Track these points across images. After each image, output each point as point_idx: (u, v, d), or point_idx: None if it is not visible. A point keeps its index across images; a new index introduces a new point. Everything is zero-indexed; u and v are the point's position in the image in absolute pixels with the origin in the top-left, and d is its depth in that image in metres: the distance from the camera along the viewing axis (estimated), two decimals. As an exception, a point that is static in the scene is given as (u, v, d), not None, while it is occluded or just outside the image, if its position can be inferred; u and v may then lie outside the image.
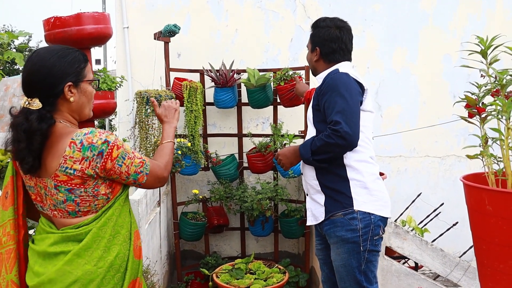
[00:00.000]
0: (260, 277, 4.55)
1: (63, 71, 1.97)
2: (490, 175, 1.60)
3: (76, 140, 1.91)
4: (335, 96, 2.70)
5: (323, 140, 2.70)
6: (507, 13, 5.63)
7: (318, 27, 3.03)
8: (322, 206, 2.86)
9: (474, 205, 1.55)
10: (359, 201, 2.77)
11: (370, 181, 2.81)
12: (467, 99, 1.67)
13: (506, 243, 1.45)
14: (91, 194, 1.98)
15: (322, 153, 2.74)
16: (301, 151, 2.86)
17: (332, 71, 2.89)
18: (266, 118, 5.48)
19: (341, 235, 2.77)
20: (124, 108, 5.50)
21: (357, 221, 2.75)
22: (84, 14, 2.86)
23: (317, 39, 3.02)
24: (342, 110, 2.66)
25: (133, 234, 2.12)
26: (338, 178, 2.81)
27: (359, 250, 2.75)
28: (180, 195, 5.38)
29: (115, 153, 1.96)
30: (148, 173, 2.07)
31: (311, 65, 3.11)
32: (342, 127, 2.62)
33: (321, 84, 2.87)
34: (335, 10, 5.50)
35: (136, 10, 5.44)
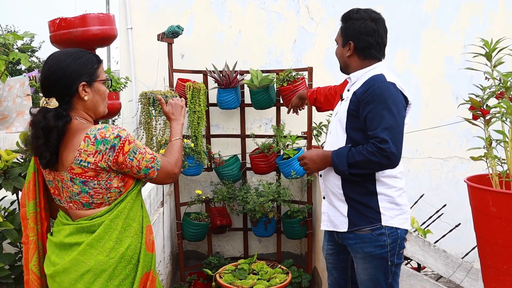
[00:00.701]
0: (263, 278, 4.56)
1: (77, 72, 2.08)
2: (494, 177, 1.61)
3: (90, 134, 2.02)
4: (383, 109, 2.50)
5: (365, 156, 2.52)
6: (509, 15, 5.64)
7: (352, 19, 2.80)
8: (345, 217, 2.73)
9: (478, 206, 1.57)
10: (387, 216, 2.66)
11: (397, 196, 2.69)
12: (472, 101, 1.68)
13: (510, 244, 1.46)
14: (104, 187, 2.08)
15: (360, 168, 2.58)
16: (334, 160, 2.66)
17: (378, 76, 2.65)
18: (269, 119, 5.49)
19: (369, 251, 2.67)
20: (128, 109, 5.51)
21: (386, 236, 2.64)
22: (89, 15, 2.88)
23: (350, 32, 2.78)
24: (390, 127, 2.49)
25: (145, 228, 2.21)
26: (366, 191, 2.68)
27: (387, 265, 2.68)
28: (183, 195, 5.40)
29: (126, 148, 2.05)
30: (159, 168, 2.15)
31: (342, 60, 2.86)
32: (389, 147, 2.46)
33: (364, 88, 2.64)
34: (338, 11, 5.49)
35: (139, 11, 5.46)
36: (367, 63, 2.77)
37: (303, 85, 4.78)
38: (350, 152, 2.60)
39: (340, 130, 2.75)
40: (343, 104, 2.78)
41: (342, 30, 2.84)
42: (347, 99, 2.75)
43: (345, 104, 2.75)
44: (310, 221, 5.08)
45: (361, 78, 2.75)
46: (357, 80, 2.77)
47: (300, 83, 4.76)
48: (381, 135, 2.48)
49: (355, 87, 2.73)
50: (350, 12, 2.84)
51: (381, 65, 2.76)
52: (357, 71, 2.78)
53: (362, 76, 2.75)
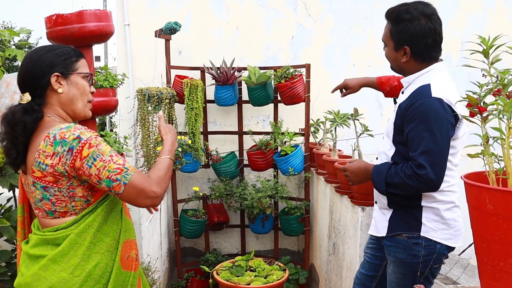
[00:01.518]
0: (260, 275, 4.56)
1: (50, 62, 1.93)
2: (491, 174, 1.61)
3: (51, 134, 1.83)
4: (424, 130, 2.30)
5: (402, 179, 2.39)
6: (508, 12, 5.64)
7: (404, 20, 2.48)
8: (387, 222, 2.66)
9: (475, 203, 1.56)
10: (428, 227, 2.52)
11: (445, 209, 2.52)
12: (469, 98, 1.68)
13: (506, 241, 1.46)
14: (66, 195, 1.87)
15: (398, 189, 2.47)
16: (374, 178, 2.55)
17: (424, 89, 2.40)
18: (267, 116, 5.49)
19: (401, 257, 2.59)
20: (125, 105, 5.50)
21: (421, 247, 2.53)
22: (86, 11, 2.87)
23: (405, 36, 2.47)
24: (429, 150, 2.30)
25: (121, 243, 1.99)
26: (411, 203, 2.55)
27: (416, 274, 2.58)
28: (181, 192, 5.40)
29: (85, 152, 1.81)
30: (127, 183, 1.83)
31: (397, 65, 2.59)
32: (426, 173, 2.30)
33: (408, 103, 2.43)
34: (336, 8, 5.51)
35: (137, 7, 5.45)
36: (425, 65, 2.51)
37: (300, 82, 4.77)
38: (390, 171, 2.47)
39: (389, 141, 2.62)
40: (392, 114, 2.60)
41: (392, 32, 2.53)
42: (395, 110, 2.57)
43: (393, 115, 2.58)
44: (307, 218, 5.08)
45: (413, 82, 2.53)
46: (410, 85, 2.55)
47: (298, 80, 4.76)
48: (419, 159, 2.32)
49: (405, 96, 2.53)
50: (399, 12, 2.50)
51: (434, 68, 2.50)
52: (408, 76, 2.56)
53: (413, 81, 2.54)
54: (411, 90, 2.48)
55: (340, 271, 3.90)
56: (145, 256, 3.72)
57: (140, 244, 3.67)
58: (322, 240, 4.62)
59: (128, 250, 2.02)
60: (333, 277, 4.13)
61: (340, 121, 4.28)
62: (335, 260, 4.06)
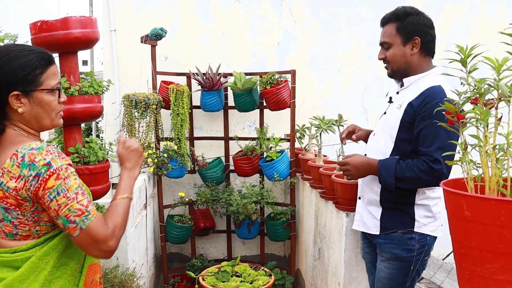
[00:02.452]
0: (246, 280, 4.57)
1: (8, 78, 1.67)
2: (469, 181, 1.64)
3: (19, 153, 1.64)
4: (439, 127, 2.28)
5: (416, 173, 2.47)
6: (490, 17, 5.70)
7: (411, 14, 2.64)
8: (377, 220, 2.74)
9: (453, 210, 1.59)
10: (421, 223, 2.64)
11: (434, 204, 2.66)
12: (447, 106, 1.70)
13: (483, 247, 1.49)
14: (30, 219, 1.69)
15: (408, 183, 2.55)
16: (381, 171, 2.60)
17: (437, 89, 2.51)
18: (253, 122, 5.51)
19: (396, 253, 2.68)
20: (111, 111, 5.50)
21: (415, 241, 2.65)
22: (71, 18, 2.88)
23: (416, 27, 2.61)
24: (444, 147, 2.40)
25: (86, 267, 1.84)
26: (404, 201, 2.66)
27: (409, 269, 2.69)
28: (167, 198, 5.40)
29: (50, 183, 1.63)
30: (84, 228, 1.65)
31: (404, 61, 2.65)
32: (442, 168, 2.41)
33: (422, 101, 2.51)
34: (321, 14, 5.55)
35: (123, 13, 5.45)
36: (426, 61, 2.65)
37: (286, 87, 4.80)
38: (399, 165, 2.54)
39: (388, 138, 2.67)
40: (395, 112, 2.66)
41: (399, 28, 2.65)
42: (400, 107, 2.62)
43: (398, 112, 2.63)
44: (293, 223, 5.10)
45: (415, 84, 2.63)
46: (410, 85, 2.65)
47: (283, 86, 4.78)
48: (435, 155, 2.42)
49: (409, 95, 2.60)
50: (404, 9, 2.67)
51: (436, 72, 2.65)
52: (412, 76, 2.65)
53: (416, 82, 2.63)
54: (417, 90, 2.56)
55: (326, 276, 3.92)
56: (130, 262, 3.71)
57: (126, 250, 3.67)
58: (307, 245, 4.64)
59: (93, 274, 1.88)
60: (319, 282, 4.15)
61: (325, 127, 4.32)
62: (321, 265, 4.08)
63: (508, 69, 1.51)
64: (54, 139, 3.21)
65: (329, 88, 5.65)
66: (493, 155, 1.57)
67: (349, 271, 3.46)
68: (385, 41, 2.71)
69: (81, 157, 2.99)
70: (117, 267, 3.49)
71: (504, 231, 1.43)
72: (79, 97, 2.94)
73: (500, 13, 5.69)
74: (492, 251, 1.47)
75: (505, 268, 1.46)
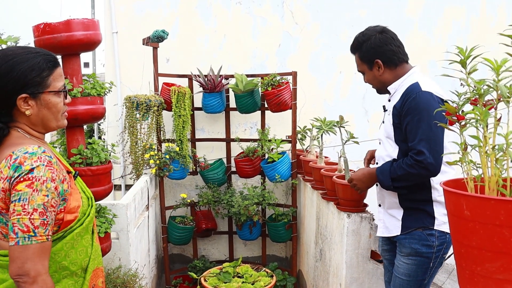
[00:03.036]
0: (247, 281, 4.58)
1: (17, 81, 1.67)
2: (469, 181, 1.65)
3: (14, 154, 1.62)
4: (419, 121, 2.54)
5: (405, 170, 2.58)
6: (490, 19, 5.72)
7: (364, 42, 2.79)
8: (399, 221, 2.79)
9: (453, 210, 1.60)
10: (440, 221, 2.69)
11: None
12: (447, 107, 1.72)
13: (482, 246, 1.50)
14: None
15: (403, 181, 2.64)
16: (379, 177, 2.74)
17: (413, 86, 2.64)
18: (254, 123, 5.52)
19: (416, 248, 2.72)
20: (113, 112, 5.52)
21: (435, 238, 2.69)
22: (73, 20, 2.90)
23: (371, 52, 2.77)
24: (426, 138, 2.52)
25: (90, 272, 1.82)
26: (422, 198, 2.71)
27: (428, 266, 2.72)
28: (169, 199, 5.41)
29: (20, 186, 1.59)
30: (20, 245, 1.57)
31: (377, 82, 2.84)
32: (426, 158, 2.50)
33: (402, 101, 2.65)
34: (322, 16, 5.56)
35: (125, 15, 5.47)
36: (400, 70, 2.77)
37: (287, 89, 4.82)
38: (392, 167, 2.67)
39: (391, 142, 2.78)
40: (388, 118, 2.80)
41: (361, 58, 2.83)
42: (390, 112, 2.77)
43: (389, 118, 2.77)
44: (294, 224, 5.11)
45: (399, 88, 2.75)
46: (396, 91, 2.78)
47: (285, 88, 4.80)
48: (418, 146, 2.53)
49: (395, 99, 2.74)
50: (357, 39, 2.83)
51: (415, 72, 2.75)
52: (394, 83, 2.78)
53: (399, 86, 2.76)
54: (400, 93, 2.70)
55: (327, 277, 3.93)
56: (132, 263, 3.73)
57: (128, 251, 3.68)
58: (309, 246, 4.65)
59: (95, 278, 1.86)
60: (320, 283, 4.17)
61: (327, 128, 4.32)
62: (322, 266, 4.09)
63: (507, 70, 1.53)
64: (57, 141, 3.23)
65: (330, 89, 5.66)
66: (493, 155, 1.58)
67: (351, 272, 3.47)
68: (358, 70, 2.92)
69: (83, 158, 3.01)
70: (119, 267, 3.51)
71: (503, 230, 1.44)
72: (82, 99, 2.96)
73: (500, 15, 5.71)
74: (491, 250, 1.48)
75: (504, 267, 1.48)
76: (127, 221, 3.66)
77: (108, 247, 3.23)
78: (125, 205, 3.65)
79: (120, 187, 5.58)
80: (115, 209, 3.57)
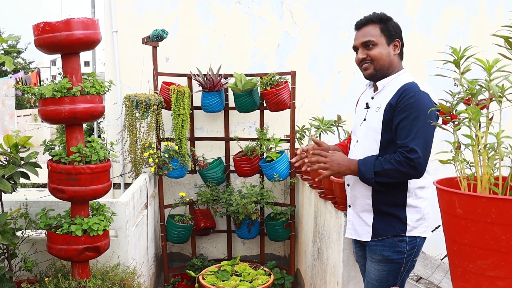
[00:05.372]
0: (245, 279, 4.60)
1: None
2: (462, 180, 1.68)
3: None
4: (415, 119, 2.48)
5: (393, 165, 2.49)
6: (489, 19, 5.74)
7: (390, 19, 2.76)
8: (369, 226, 2.75)
9: (446, 208, 1.62)
10: (411, 227, 2.66)
11: (424, 206, 2.69)
12: (441, 106, 1.74)
13: (474, 244, 1.52)
14: None
15: (387, 177, 2.55)
16: (360, 167, 2.62)
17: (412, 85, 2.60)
18: (253, 122, 5.54)
19: (387, 255, 2.70)
20: (113, 111, 5.54)
21: (405, 243, 2.67)
22: (73, 19, 2.91)
23: (397, 31, 2.74)
24: (421, 137, 2.47)
25: None
26: (396, 202, 2.66)
27: (400, 271, 2.71)
28: (167, 197, 5.44)
29: None
30: None
31: (388, 60, 2.72)
32: (418, 157, 2.45)
33: (398, 97, 2.58)
34: (321, 15, 5.58)
35: (124, 14, 5.49)
36: (399, 64, 2.77)
37: (286, 88, 4.84)
38: (378, 160, 2.58)
39: (373, 142, 2.70)
40: (375, 115, 2.71)
41: (383, 29, 2.73)
42: (379, 110, 2.68)
43: (378, 115, 2.68)
44: (293, 223, 5.13)
45: (388, 85, 2.70)
46: (384, 88, 2.72)
47: (283, 87, 4.82)
48: (411, 144, 2.46)
49: (386, 96, 2.67)
50: (382, 13, 2.78)
51: (406, 72, 2.75)
52: (384, 79, 2.73)
53: (389, 83, 2.71)
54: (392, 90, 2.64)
55: (324, 276, 3.95)
56: (131, 261, 3.75)
57: (126, 249, 3.70)
58: (307, 245, 4.67)
59: None
60: (318, 281, 4.19)
61: (325, 128, 4.35)
62: (320, 265, 4.11)
63: (499, 70, 1.55)
64: (56, 139, 3.25)
65: (328, 89, 5.68)
66: (485, 154, 1.61)
67: (348, 270, 3.49)
68: (370, 40, 2.75)
69: (82, 156, 3.03)
70: (118, 265, 3.54)
71: (494, 228, 1.47)
72: (81, 97, 2.98)
73: (498, 16, 5.73)
74: (483, 247, 1.50)
75: (496, 264, 1.50)
76: (126, 219, 3.68)
77: (106, 244, 3.25)
78: (124, 203, 3.67)
79: (120, 186, 5.61)
80: (113, 207, 3.60)
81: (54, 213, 3.35)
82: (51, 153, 3.11)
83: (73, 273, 3.21)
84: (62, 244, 3.07)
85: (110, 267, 3.50)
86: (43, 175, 3.26)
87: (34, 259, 3.42)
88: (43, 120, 3.08)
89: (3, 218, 3.00)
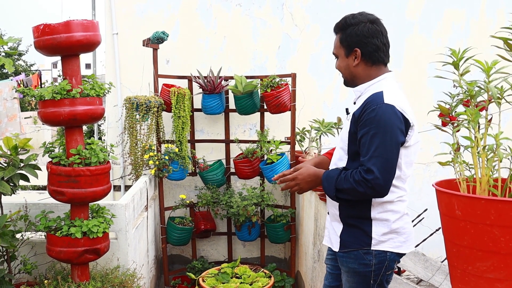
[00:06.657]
0: (245, 281, 4.60)
1: None
2: (461, 181, 1.67)
3: None
4: (374, 136, 2.31)
5: (351, 184, 2.38)
6: (490, 22, 5.73)
7: (351, 25, 2.55)
8: (338, 237, 2.66)
9: (445, 210, 1.62)
10: (378, 241, 2.53)
11: (394, 220, 2.53)
12: (440, 108, 1.74)
13: (474, 246, 1.52)
14: None
15: (348, 195, 2.44)
16: (324, 183, 2.53)
17: (376, 96, 2.41)
18: (253, 124, 5.54)
19: (353, 267, 2.61)
20: (113, 113, 5.54)
21: (371, 256, 2.55)
22: (73, 21, 2.91)
23: (354, 39, 2.53)
24: (379, 155, 2.30)
25: None
26: (360, 215, 2.55)
27: (369, 282, 2.60)
28: (168, 200, 5.43)
29: None
30: None
31: (348, 72, 2.60)
32: (374, 178, 2.30)
33: (361, 109, 2.43)
34: (322, 18, 5.58)
35: (125, 16, 5.49)
36: (374, 70, 2.55)
37: (286, 91, 4.83)
38: (340, 177, 2.46)
39: (341, 151, 2.62)
40: (346, 124, 2.62)
41: (341, 40, 2.60)
42: (349, 119, 2.57)
43: (347, 124, 2.58)
44: (293, 225, 5.13)
45: (365, 92, 2.55)
46: (362, 95, 2.58)
47: (284, 89, 4.81)
48: (368, 164, 2.32)
49: (357, 105, 2.54)
50: (346, 19, 2.59)
51: (386, 78, 2.54)
52: (361, 85, 2.58)
53: (366, 90, 2.56)
54: (364, 99, 2.50)
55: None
56: (130, 263, 3.75)
57: (126, 251, 3.70)
58: (307, 247, 4.67)
59: None
60: (318, 284, 4.18)
61: (325, 130, 4.35)
62: (320, 267, 4.11)
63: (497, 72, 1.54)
64: (56, 141, 3.25)
65: (329, 91, 5.68)
66: (484, 155, 1.60)
67: (348, 273, 3.48)
68: (333, 52, 2.69)
69: (82, 158, 3.03)
70: (117, 267, 3.53)
71: (493, 230, 1.46)
72: (81, 99, 2.98)
73: (500, 18, 5.72)
74: (482, 249, 1.50)
75: (495, 266, 1.50)
76: (126, 221, 3.68)
77: (106, 247, 3.25)
78: (124, 206, 3.67)
79: (120, 188, 5.60)
80: (113, 209, 3.59)
81: (53, 215, 3.35)
82: (50, 155, 3.11)
83: (72, 275, 3.21)
84: (62, 246, 3.06)
85: (110, 269, 3.49)
86: (43, 177, 3.26)
87: (34, 262, 3.42)
88: (43, 122, 3.08)
89: (3, 220, 2.99)
